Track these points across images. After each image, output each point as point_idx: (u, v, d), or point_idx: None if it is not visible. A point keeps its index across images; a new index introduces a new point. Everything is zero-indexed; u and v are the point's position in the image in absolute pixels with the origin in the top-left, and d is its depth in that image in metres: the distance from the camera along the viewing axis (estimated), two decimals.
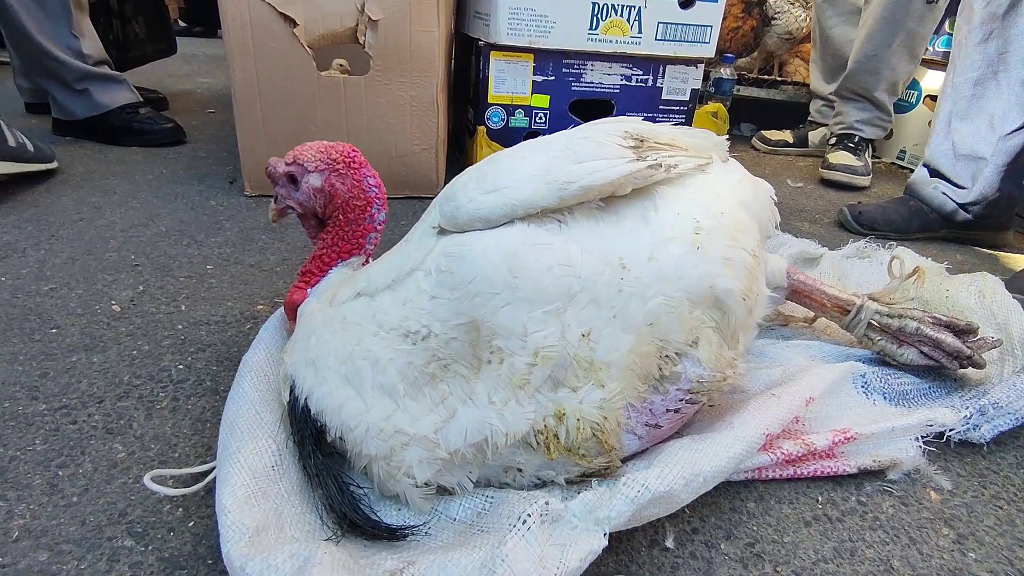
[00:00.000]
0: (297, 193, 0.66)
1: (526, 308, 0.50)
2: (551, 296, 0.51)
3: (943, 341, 0.74)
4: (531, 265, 0.51)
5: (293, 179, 0.65)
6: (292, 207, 0.67)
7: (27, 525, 0.53)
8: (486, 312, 0.50)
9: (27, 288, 0.90)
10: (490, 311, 0.50)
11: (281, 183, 0.66)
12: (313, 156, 0.64)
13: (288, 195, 0.67)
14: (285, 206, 0.68)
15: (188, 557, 0.51)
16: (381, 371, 0.52)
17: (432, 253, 0.54)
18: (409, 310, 0.52)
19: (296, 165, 0.65)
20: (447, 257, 0.52)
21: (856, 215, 1.35)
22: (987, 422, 0.69)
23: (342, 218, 0.65)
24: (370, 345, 0.52)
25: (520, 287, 0.50)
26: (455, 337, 0.51)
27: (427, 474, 0.51)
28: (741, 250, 0.60)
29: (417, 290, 0.53)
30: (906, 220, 1.33)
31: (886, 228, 1.34)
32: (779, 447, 0.63)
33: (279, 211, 0.68)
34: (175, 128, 1.68)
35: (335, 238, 0.66)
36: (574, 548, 0.46)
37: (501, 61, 1.35)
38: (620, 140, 0.59)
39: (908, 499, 0.62)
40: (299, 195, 0.66)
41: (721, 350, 0.59)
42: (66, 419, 0.65)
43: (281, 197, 0.67)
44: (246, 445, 0.53)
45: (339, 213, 0.65)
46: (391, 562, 0.47)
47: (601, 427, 0.52)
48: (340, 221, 0.65)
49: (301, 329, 0.59)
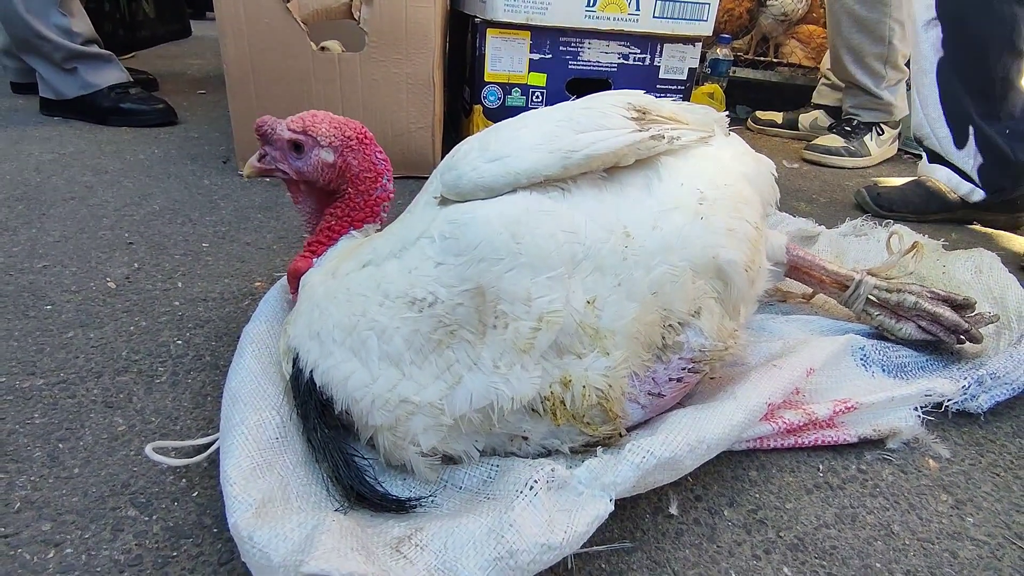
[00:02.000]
0: (298, 161, 0.64)
1: (530, 273, 0.50)
2: (554, 262, 0.51)
3: (941, 315, 0.75)
4: (534, 231, 0.51)
5: (298, 147, 0.63)
6: (283, 172, 0.64)
7: (28, 496, 0.52)
8: (491, 277, 0.50)
9: (19, 266, 0.89)
10: (495, 276, 0.50)
11: (278, 146, 0.63)
12: (328, 131, 0.62)
13: (283, 159, 0.64)
14: (274, 168, 0.64)
15: (193, 527, 0.51)
16: (387, 340, 0.51)
17: (436, 221, 0.53)
18: (415, 277, 0.52)
19: (306, 136, 0.63)
20: (451, 224, 0.52)
21: (875, 196, 1.35)
22: (984, 392, 0.70)
23: (352, 191, 0.64)
24: (376, 315, 0.52)
25: (523, 252, 0.50)
26: (461, 303, 0.50)
27: (433, 441, 0.51)
28: (744, 221, 0.60)
29: (423, 257, 0.52)
30: (924, 201, 1.33)
31: (905, 209, 1.33)
32: (780, 417, 0.63)
33: (260, 171, 0.65)
34: (166, 109, 1.65)
35: (347, 209, 0.64)
36: (581, 513, 0.47)
37: (498, 39, 1.34)
38: (623, 111, 0.59)
39: (907, 467, 0.63)
40: (300, 164, 0.64)
41: (723, 320, 0.59)
42: (64, 393, 0.65)
43: (271, 158, 0.64)
44: (249, 417, 0.53)
45: (349, 187, 0.64)
46: (398, 529, 0.47)
47: (606, 395, 0.52)
48: (351, 194, 0.64)
49: (304, 301, 0.59)
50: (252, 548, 0.42)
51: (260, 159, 0.64)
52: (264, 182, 1.28)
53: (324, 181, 0.65)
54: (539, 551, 0.43)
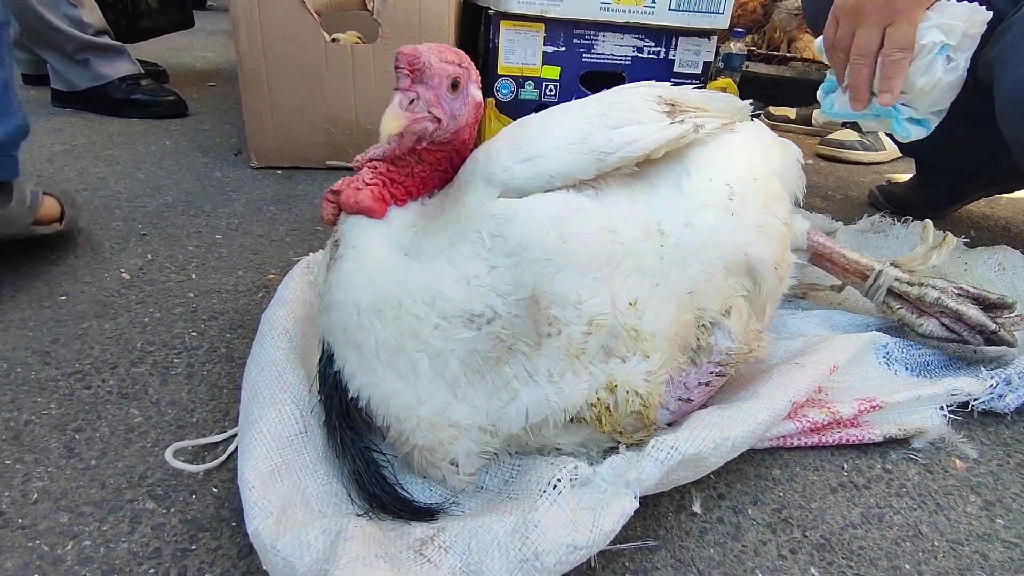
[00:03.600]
0: (455, 102, 0.51)
1: (578, 274, 0.49)
2: (599, 262, 0.50)
3: (965, 313, 0.73)
4: (579, 230, 0.49)
5: (456, 84, 0.51)
6: (438, 120, 0.50)
7: (46, 487, 0.52)
8: (543, 280, 0.48)
9: (32, 256, 0.88)
10: (546, 278, 0.48)
11: (434, 84, 0.50)
12: (470, 63, 0.52)
13: (437, 102, 0.50)
14: (428, 116, 0.50)
15: (211, 519, 0.50)
16: (443, 364, 0.48)
17: (482, 217, 0.50)
18: (473, 289, 0.48)
19: (463, 68, 0.51)
20: (496, 219, 0.49)
21: (888, 195, 1.33)
22: (1012, 391, 0.68)
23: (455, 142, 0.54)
24: (430, 338, 0.48)
25: (571, 252, 0.48)
26: (518, 314, 0.48)
27: (474, 467, 0.50)
28: (774, 217, 0.59)
29: (476, 258, 0.49)
30: (936, 198, 1.30)
31: (918, 206, 1.29)
32: (804, 415, 0.62)
33: (412, 121, 0.49)
34: (177, 101, 1.65)
35: (449, 162, 0.54)
36: (606, 511, 0.46)
37: (511, 31, 1.32)
38: (655, 104, 0.57)
39: (934, 467, 0.62)
40: (457, 105, 0.51)
41: (750, 321, 0.58)
42: (80, 384, 0.64)
43: (425, 102, 0.49)
44: (268, 412, 0.52)
45: (457, 139, 0.54)
46: (420, 529, 0.47)
47: (645, 400, 0.51)
48: (458, 145, 0.54)
49: (348, 273, 0.50)
50: (275, 557, 0.41)
51: (403, 103, 0.49)
52: (275, 174, 1.28)
53: (451, 132, 0.52)
54: (565, 551, 0.42)
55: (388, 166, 0.52)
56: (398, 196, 0.52)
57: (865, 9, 0.76)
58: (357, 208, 0.51)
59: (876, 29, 0.76)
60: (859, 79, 0.80)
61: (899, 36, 0.75)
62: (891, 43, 0.76)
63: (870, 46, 0.77)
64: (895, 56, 0.76)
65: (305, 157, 1.31)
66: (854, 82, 0.80)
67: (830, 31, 0.82)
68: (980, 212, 1.38)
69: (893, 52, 0.76)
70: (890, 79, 0.77)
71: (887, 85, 0.78)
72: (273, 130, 1.26)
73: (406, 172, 0.53)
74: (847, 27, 0.79)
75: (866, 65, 0.78)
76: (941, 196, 1.29)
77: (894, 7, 0.75)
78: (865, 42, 0.77)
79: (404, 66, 0.48)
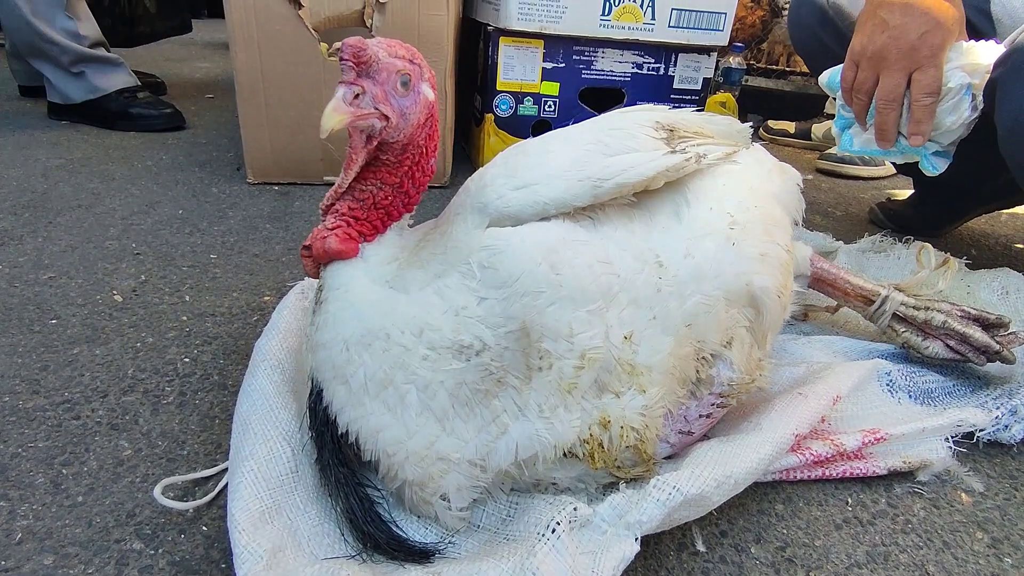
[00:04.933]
0: (404, 100, 0.48)
1: (570, 307, 0.48)
2: (593, 295, 0.49)
3: (970, 336, 0.72)
4: (572, 262, 0.48)
5: (405, 81, 0.48)
6: (386, 117, 0.47)
7: (31, 526, 0.51)
8: (534, 313, 0.47)
9: (25, 277, 0.87)
10: (537, 311, 0.47)
11: (381, 79, 0.46)
12: (422, 60, 0.49)
13: (385, 98, 0.47)
14: (374, 112, 0.46)
15: (200, 561, 0.49)
16: (431, 396, 0.48)
17: (472, 248, 0.49)
18: (462, 320, 0.48)
19: (414, 64, 0.48)
20: (486, 250, 0.48)
21: (888, 213, 1.32)
22: (1018, 422, 0.67)
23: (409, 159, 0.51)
24: (418, 369, 0.47)
25: (564, 284, 0.48)
26: (507, 347, 0.47)
27: (465, 501, 0.49)
28: (775, 245, 0.58)
29: (465, 290, 0.48)
30: (936, 215, 1.30)
31: (918, 223, 1.29)
32: (808, 448, 0.61)
33: (356, 117, 0.46)
34: (174, 113, 1.64)
35: (408, 184, 0.51)
36: (606, 555, 0.45)
37: (510, 47, 1.32)
38: (652, 131, 0.57)
39: (939, 501, 0.61)
40: (407, 103, 0.48)
41: (752, 351, 0.57)
42: (69, 414, 0.63)
43: (372, 98, 0.46)
44: (259, 450, 0.51)
45: (408, 152, 0.51)
46: (416, 573, 0.45)
47: (642, 435, 0.50)
48: (408, 163, 0.51)
49: (339, 310, 0.49)
50: None
51: (348, 99, 0.45)
52: (272, 190, 1.27)
53: (404, 135, 0.49)
54: None
55: (349, 205, 0.51)
56: (366, 232, 0.51)
57: (890, 56, 0.77)
58: (328, 255, 0.50)
59: (902, 75, 0.77)
60: (887, 123, 0.81)
61: (928, 82, 0.76)
62: (920, 89, 0.77)
63: (898, 91, 0.78)
64: (925, 101, 0.77)
65: (303, 173, 1.30)
66: (881, 125, 0.81)
67: (848, 74, 0.83)
68: (981, 230, 1.38)
69: (923, 97, 0.77)
70: (920, 123, 0.79)
71: (918, 128, 0.79)
72: (270, 145, 1.26)
73: (368, 205, 0.51)
74: (868, 71, 0.80)
75: (894, 110, 0.79)
76: (941, 213, 1.29)
77: (920, 54, 0.76)
78: (891, 88, 0.78)
79: (349, 58, 0.45)
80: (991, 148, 0.86)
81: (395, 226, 0.54)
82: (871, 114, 0.82)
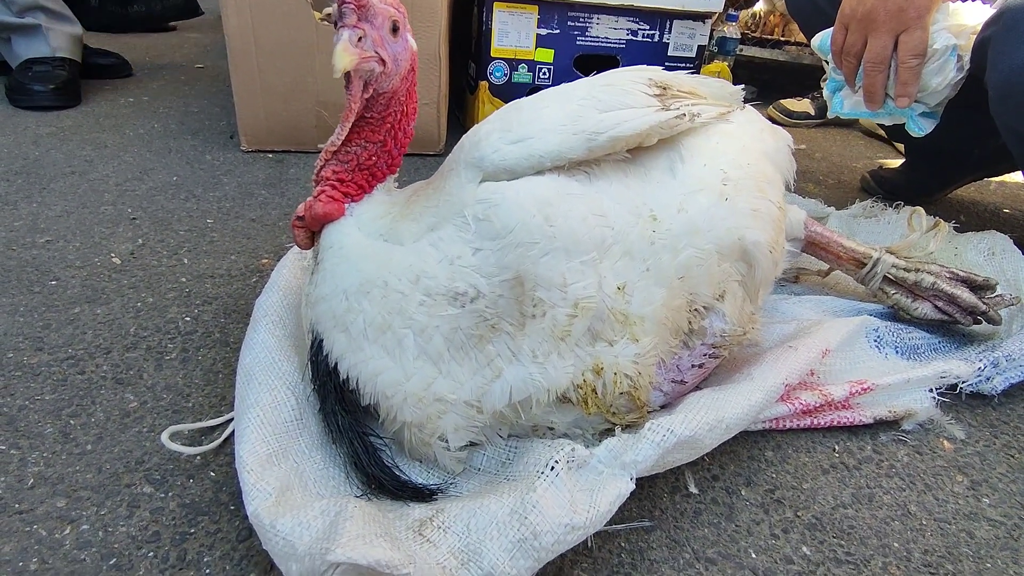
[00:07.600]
0: (396, 46, 0.50)
1: (564, 258, 0.49)
2: (587, 246, 0.50)
3: (959, 296, 0.74)
4: (566, 214, 0.49)
5: (396, 28, 0.49)
6: (383, 61, 0.49)
7: (42, 472, 0.52)
8: (528, 263, 0.48)
9: (22, 240, 0.87)
10: (531, 261, 0.48)
11: (378, 23, 0.48)
12: (404, 8, 0.51)
13: (382, 42, 0.48)
14: (375, 55, 0.48)
15: (209, 504, 0.50)
16: (427, 339, 0.49)
17: (467, 200, 0.50)
18: (456, 269, 0.49)
19: (400, 12, 0.50)
20: (481, 204, 0.49)
21: (880, 180, 1.34)
22: (999, 374, 0.69)
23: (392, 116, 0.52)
24: (415, 314, 0.49)
25: (557, 236, 0.49)
26: (501, 294, 0.49)
27: (463, 440, 0.50)
28: (768, 201, 0.59)
29: (460, 241, 0.49)
30: (926, 182, 1.31)
31: (909, 190, 1.29)
32: (797, 397, 0.63)
33: (362, 58, 0.47)
34: (64, 87, 1.44)
35: (392, 144, 0.53)
36: (603, 492, 0.46)
37: (504, 12, 1.31)
38: (645, 88, 0.57)
39: (922, 448, 0.63)
40: (398, 48, 0.50)
41: (744, 304, 0.59)
42: (73, 369, 0.64)
43: (371, 42, 0.48)
44: (264, 397, 0.52)
45: (389, 111, 0.52)
46: (419, 511, 0.47)
47: (635, 382, 0.52)
48: (390, 122, 0.52)
49: (336, 264, 0.51)
50: (275, 536, 0.42)
51: (353, 40, 0.46)
52: (266, 158, 1.26)
53: (389, 87, 0.51)
54: (562, 531, 0.43)
55: (333, 169, 0.52)
56: (352, 193, 0.53)
57: (878, 17, 0.78)
58: (316, 219, 0.52)
59: (889, 37, 0.79)
60: (875, 84, 0.82)
61: (914, 43, 0.78)
62: (906, 50, 0.78)
63: (885, 53, 0.80)
64: (911, 63, 0.79)
65: (297, 140, 1.29)
66: (869, 87, 0.83)
67: (838, 37, 0.84)
68: (970, 197, 1.39)
69: (909, 59, 0.78)
70: (907, 84, 0.80)
71: (904, 90, 0.81)
72: (264, 112, 1.25)
73: (352, 167, 0.52)
74: (857, 34, 0.81)
75: (881, 72, 0.81)
76: (931, 180, 1.30)
77: (907, 15, 0.77)
78: (879, 50, 0.79)
79: (351, 1, 0.46)
80: (981, 113, 0.87)
81: (381, 187, 0.55)
82: (860, 76, 0.83)
